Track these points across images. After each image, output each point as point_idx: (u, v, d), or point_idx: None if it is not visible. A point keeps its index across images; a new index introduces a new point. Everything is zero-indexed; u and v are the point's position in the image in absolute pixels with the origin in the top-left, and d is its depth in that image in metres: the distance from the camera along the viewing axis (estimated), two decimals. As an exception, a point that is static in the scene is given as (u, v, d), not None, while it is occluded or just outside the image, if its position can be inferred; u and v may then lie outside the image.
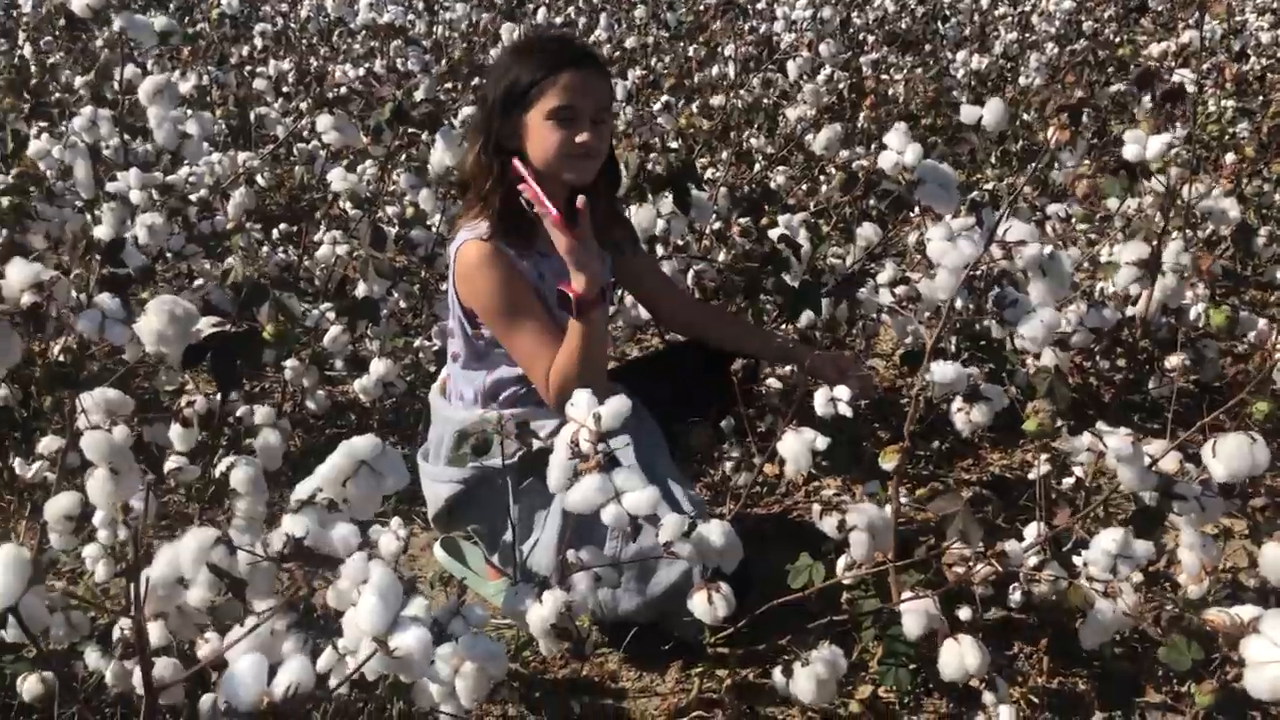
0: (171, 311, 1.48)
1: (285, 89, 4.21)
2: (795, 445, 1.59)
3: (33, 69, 3.77)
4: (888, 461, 1.64)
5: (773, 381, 2.51)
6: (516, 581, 1.92)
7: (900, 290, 2.02)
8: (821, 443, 1.58)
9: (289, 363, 2.46)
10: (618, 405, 1.41)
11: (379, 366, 2.42)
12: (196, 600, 1.29)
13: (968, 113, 1.87)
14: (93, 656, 1.58)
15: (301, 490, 1.30)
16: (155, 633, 1.46)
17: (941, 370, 1.72)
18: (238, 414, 2.36)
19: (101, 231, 2.00)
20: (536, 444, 1.75)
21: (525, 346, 1.90)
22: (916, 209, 2.19)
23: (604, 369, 1.94)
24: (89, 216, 2.42)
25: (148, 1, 5.58)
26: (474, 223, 1.91)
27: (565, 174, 1.91)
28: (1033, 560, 1.76)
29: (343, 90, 2.47)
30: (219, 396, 1.74)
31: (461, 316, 1.97)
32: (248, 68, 4.30)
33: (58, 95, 3.59)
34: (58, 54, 4.20)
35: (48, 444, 1.84)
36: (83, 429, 1.53)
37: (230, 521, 1.62)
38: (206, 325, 1.60)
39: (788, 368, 2.37)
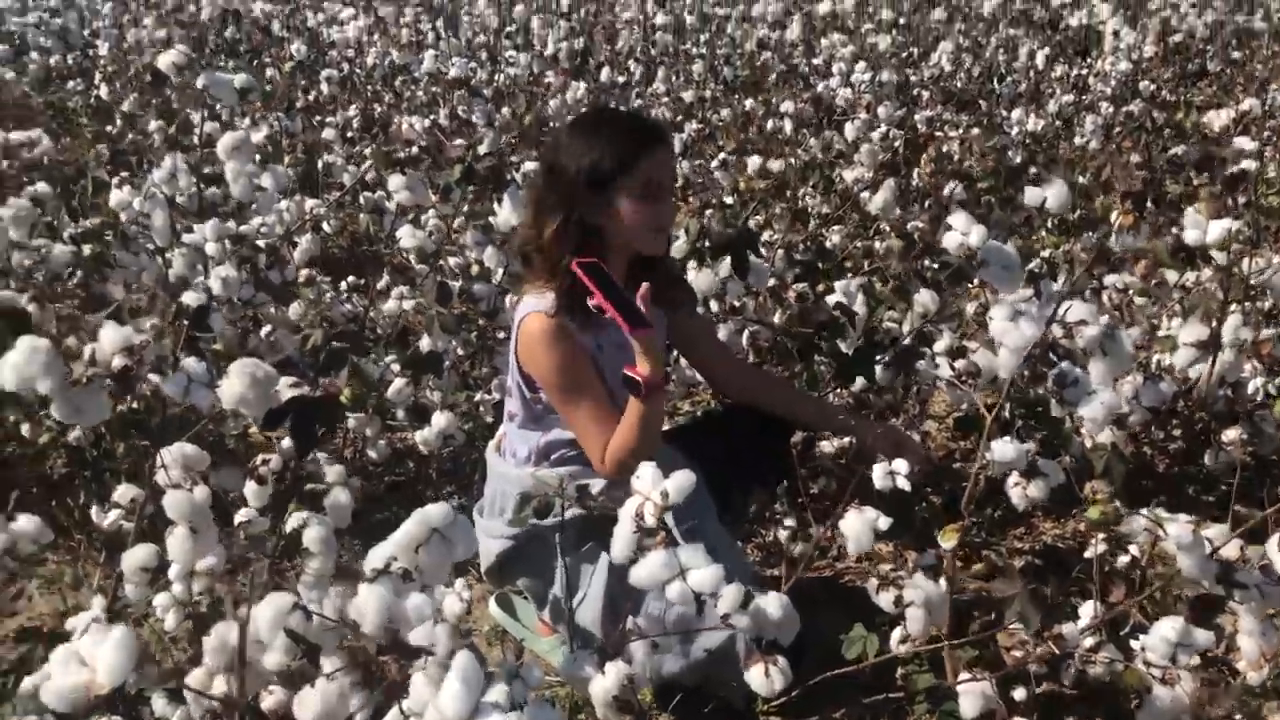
0: (253, 375, 1.53)
1: (350, 134, 4.30)
2: (857, 525, 1.61)
3: (117, 120, 3.89)
4: (947, 541, 1.66)
5: (825, 445, 2.52)
6: (571, 641, 1.95)
7: (960, 364, 2.04)
8: (884, 523, 1.60)
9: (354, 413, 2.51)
10: (683, 481, 1.44)
11: (440, 420, 2.47)
12: (273, 664, 1.33)
13: (1031, 195, 1.89)
14: (160, 704, 1.62)
15: (375, 558, 1.34)
16: (219, 686, 1.49)
17: (1002, 450, 1.73)
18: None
19: (185, 293, 2.05)
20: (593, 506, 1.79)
21: (582, 422, 1.94)
22: (976, 280, 2.21)
23: (659, 444, 1.98)
24: (160, 261, 2.50)
25: (217, 48, 5.73)
26: (540, 292, 1.95)
27: (647, 248, 1.98)
28: (1089, 641, 1.76)
29: (412, 150, 2.53)
30: (293, 451, 1.79)
31: (520, 381, 2.01)
32: (315, 116, 4.40)
33: (133, 138, 3.70)
34: (132, 98, 4.33)
35: (123, 493, 1.90)
36: (161, 484, 1.59)
37: (299, 578, 1.66)
38: (285, 386, 1.65)
39: (846, 440, 2.38)
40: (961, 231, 1.71)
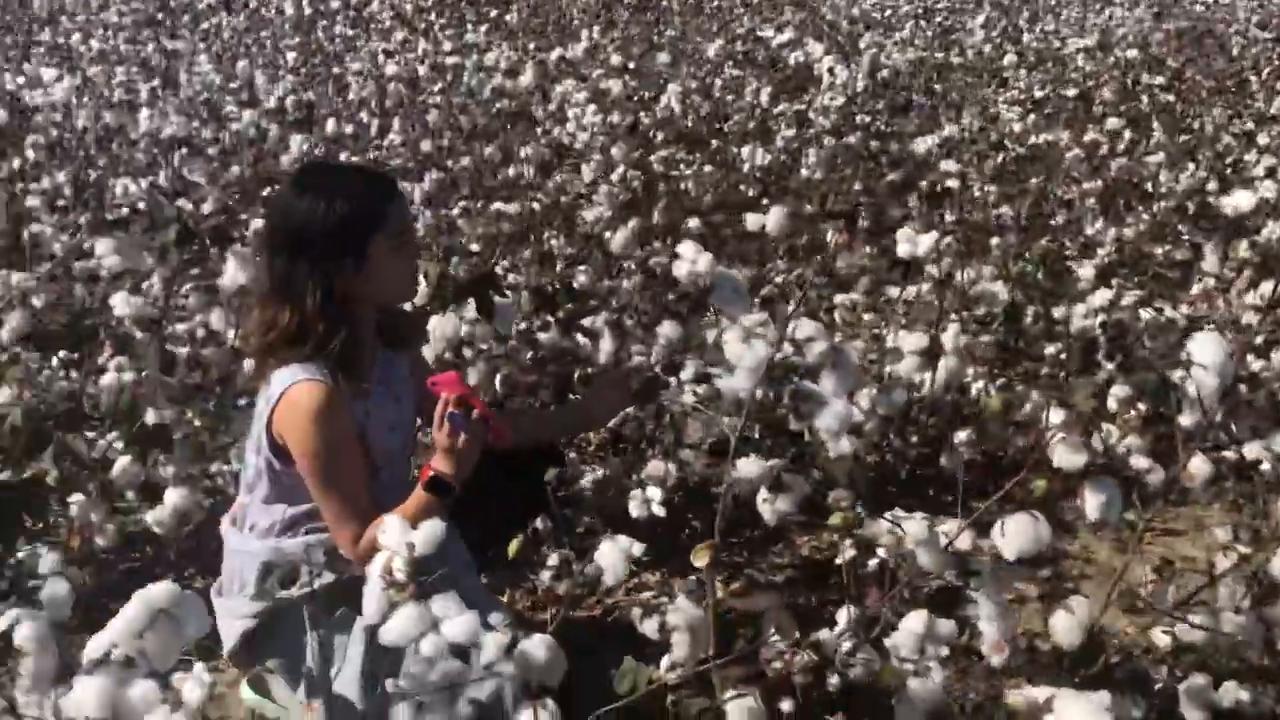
0: (-62, 463, 1.37)
1: (62, 202, 4.00)
2: (611, 554, 1.60)
3: None
4: (699, 559, 1.67)
5: (585, 479, 2.52)
6: (331, 717, 1.84)
7: (702, 389, 2.08)
8: (638, 549, 1.60)
9: (75, 497, 2.31)
10: (432, 530, 1.39)
11: (173, 496, 2.30)
12: (-23, 781, 1.19)
13: (752, 220, 1.97)
14: None
15: (94, 647, 1.22)
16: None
17: (746, 467, 1.77)
18: (19, 554, 2.19)
19: None
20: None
21: (339, 506, 1.86)
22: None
23: None
24: None
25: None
26: (301, 364, 1.85)
27: (404, 297, 1.99)
28: (846, 644, 1.81)
29: (124, 210, 2.36)
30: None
31: (270, 454, 1.89)
32: (19, 184, 4.07)
33: None
34: None
35: None
36: None
37: (15, 682, 1.50)
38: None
39: (600, 472, 2.37)
40: (690, 260, 1.75)
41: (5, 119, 4.20)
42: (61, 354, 2.84)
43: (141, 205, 2.56)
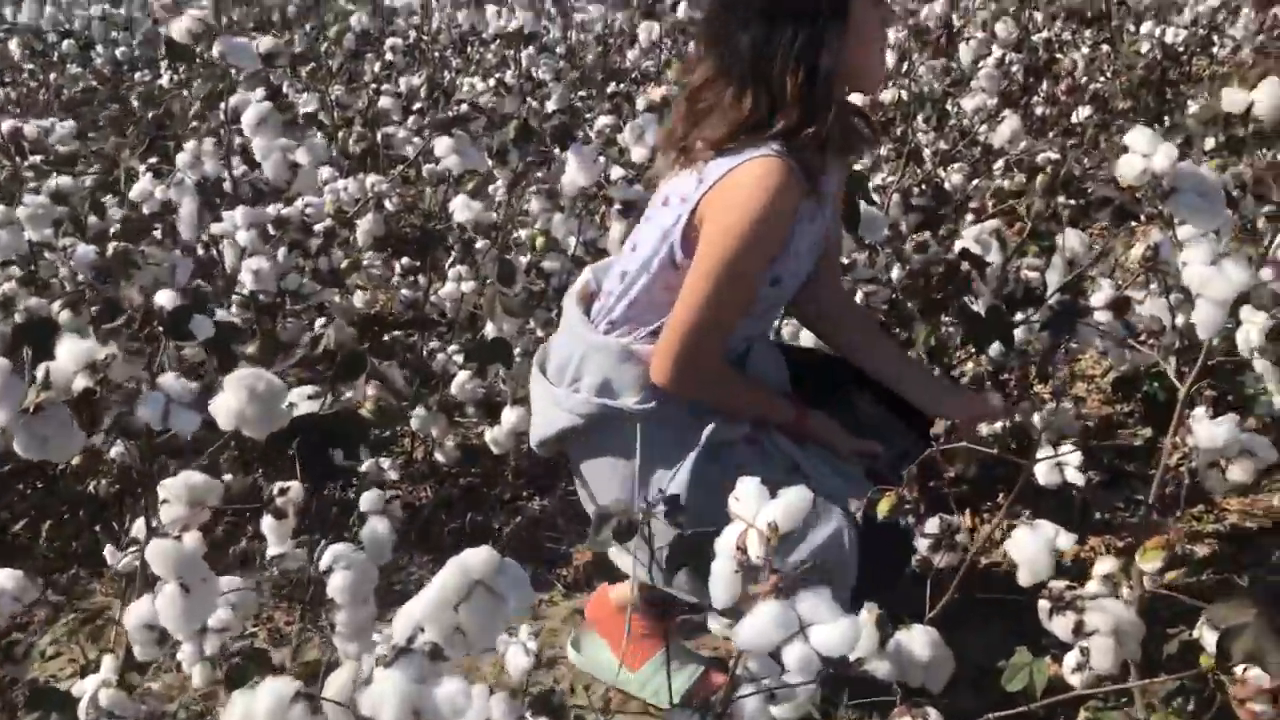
0: (252, 388, 1.23)
1: (418, 104, 4.01)
2: (1031, 546, 1.23)
3: (134, 104, 3.63)
4: (1149, 562, 1.28)
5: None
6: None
7: (1139, 320, 1.65)
8: (1065, 540, 1.22)
9: (415, 410, 2.22)
10: (797, 501, 1.09)
11: (511, 416, 2.15)
12: (274, 769, 1.03)
13: (1232, 99, 1.49)
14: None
15: (400, 627, 1.03)
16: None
17: (1207, 430, 1.34)
18: (361, 466, 2.13)
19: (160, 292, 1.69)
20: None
21: (705, 314, 1.56)
22: (1142, 218, 1.82)
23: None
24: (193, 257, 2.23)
25: (285, 20, 5.49)
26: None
27: (874, 85, 1.77)
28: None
29: (463, 107, 2.22)
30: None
31: (677, 242, 1.60)
32: (374, 86, 4.12)
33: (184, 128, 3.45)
34: (197, 82, 4.09)
35: (140, 527, 1.62)
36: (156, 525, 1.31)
37: (333, 629, 1.38)
38: (301, 398, 1.35)
39: (997, 425, 1.93)
40: (1144, 153, 1.32)
41: (367, 23, 4.25)
42: (405, 260, 2.78)
43: (481, 103, 2.39)
